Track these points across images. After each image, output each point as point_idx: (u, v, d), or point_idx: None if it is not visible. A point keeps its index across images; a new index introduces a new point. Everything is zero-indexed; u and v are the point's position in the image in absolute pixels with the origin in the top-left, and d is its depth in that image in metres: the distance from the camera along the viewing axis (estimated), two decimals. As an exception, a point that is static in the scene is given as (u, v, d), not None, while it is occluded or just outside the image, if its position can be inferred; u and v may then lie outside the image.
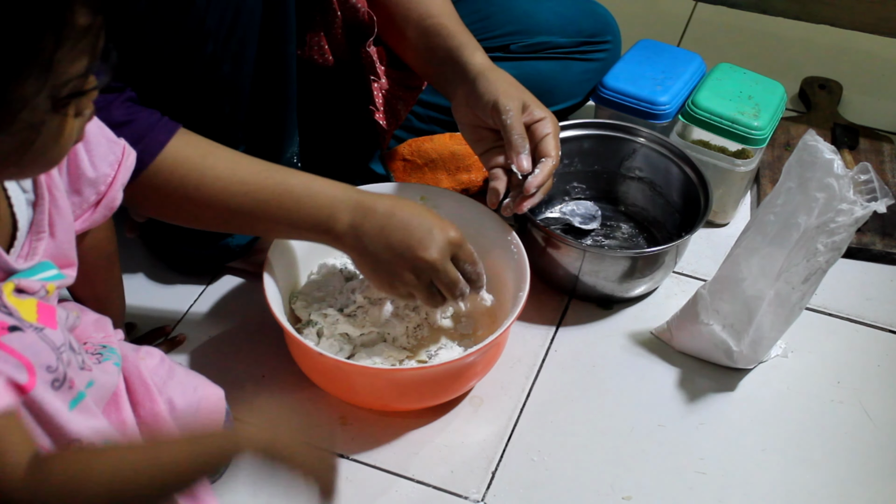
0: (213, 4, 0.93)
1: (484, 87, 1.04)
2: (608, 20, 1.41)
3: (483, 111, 1.04)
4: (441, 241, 0.96)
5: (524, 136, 1.03)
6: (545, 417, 1.10)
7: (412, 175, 1.32)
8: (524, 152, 1.02)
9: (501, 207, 1.06)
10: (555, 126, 1.06)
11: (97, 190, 0.82)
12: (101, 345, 0.83)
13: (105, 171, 0.82)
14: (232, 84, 1.02)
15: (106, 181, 0.82)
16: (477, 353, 0.98)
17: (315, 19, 1.12)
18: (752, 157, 1.28)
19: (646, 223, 1.33)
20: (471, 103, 1.05)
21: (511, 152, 1.03)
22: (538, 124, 1.05)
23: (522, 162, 1.02)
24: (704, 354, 1.15)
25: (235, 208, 0.94)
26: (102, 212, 0.84)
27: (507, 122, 1.02)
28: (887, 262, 1.31)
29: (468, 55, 1.07)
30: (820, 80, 1.61)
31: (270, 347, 1.12)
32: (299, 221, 0.95)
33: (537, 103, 1.06)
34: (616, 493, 1.02)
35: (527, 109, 1.04)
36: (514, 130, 1.02)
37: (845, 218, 0.97)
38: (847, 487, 1.04)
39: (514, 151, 1.02)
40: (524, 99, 1.04)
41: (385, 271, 0.97)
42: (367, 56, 1.12)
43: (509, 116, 1.02)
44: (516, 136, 1.02)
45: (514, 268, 1.07)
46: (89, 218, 0.83)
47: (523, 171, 1.03)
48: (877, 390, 1.14)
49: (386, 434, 1.07)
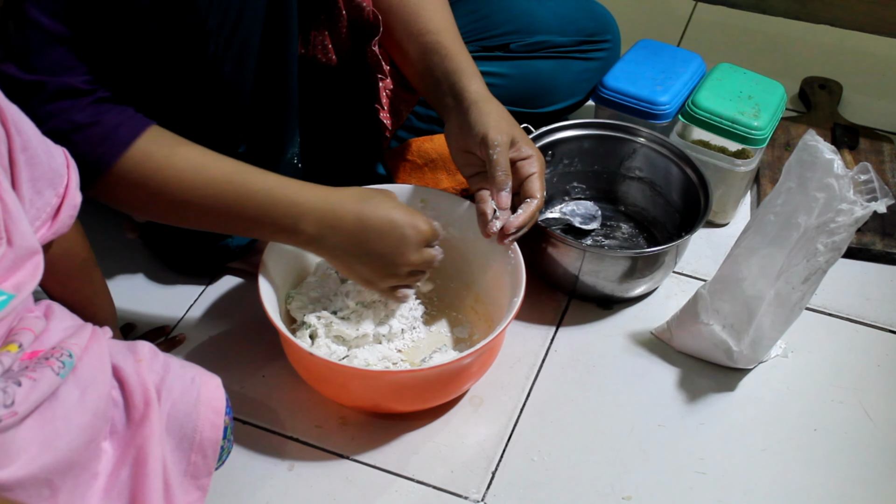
0: (214, 5, 0.93)
1: (475, 118, 1.03)
2: (608, 20, 1.41)
3: (472, 141, 1.04)
4: (416, 242, 0.99)
5: (508, 173, 1.03)
6: (545, 417, 1.10)
7: (412, 175, 1.32)
8: (506, 190, 1.02)
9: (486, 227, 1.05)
10: (541, 165, 1.05)
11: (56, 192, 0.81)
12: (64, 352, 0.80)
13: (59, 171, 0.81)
14: (233, 85, 1.02)
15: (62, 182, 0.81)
16: (469, 356, 0.98)
17: (320, 18, 1.12)
18: (752, 157, 1.28)
19: (646, 223, 1.33)
20: (462, 131, 1.05)
21: (493, 188, 1.03)
22: (525, 162, 1.04)
23: (503, 199, 1.03)
24: (704, 354, 1.15)
25: (200, 210, 0.95)
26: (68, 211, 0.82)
27: (494, 157, 1.02)
28: (887, 262, 1.31)
29: (465, 82, 1.06)
30: (820, 80, 1.61)
31: (270, 347, 1.12)
32: (263, 227, 0.97)
33: (526, 140, 1.06)
34: (616, 493, 1.02)
35: (515, 145, 1.04)
36: (499, 167, 1.02)
37: (845, 218, 0.97)
38: (847, 487, 1.04)
39: (497, 188, 1.03)
40: (514, 134, 1.04)
41: (362, 276, 1.00)
42: (374, 55, 1.12)
43: (496, 152, 1.02)
44: (500, 173, 1.02)
45: (510, 272, 1.07)
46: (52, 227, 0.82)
47: (502, 208, 1.03)
48: (877, 390, 1.14)
49: (385, 434, 1.07)
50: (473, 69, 1.08)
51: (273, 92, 1.06)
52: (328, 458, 1.05)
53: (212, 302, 1.21)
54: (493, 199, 1.03)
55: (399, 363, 1.09)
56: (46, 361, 0.76)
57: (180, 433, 0.84)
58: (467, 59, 1.09)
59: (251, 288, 1.07)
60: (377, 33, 1.11)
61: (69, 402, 0.77)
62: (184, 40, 0.95)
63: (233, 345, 1.16)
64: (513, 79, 1.35)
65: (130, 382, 0.82)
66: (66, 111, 0.89)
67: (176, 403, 0.84)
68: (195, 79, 0.99)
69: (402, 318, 1.10)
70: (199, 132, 0.98)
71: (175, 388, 0.85)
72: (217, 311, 1.20)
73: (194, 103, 1.01)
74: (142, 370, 0.83)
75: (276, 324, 0.99)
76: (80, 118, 0.89)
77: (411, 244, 0.98)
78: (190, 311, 1.20)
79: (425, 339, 1.13)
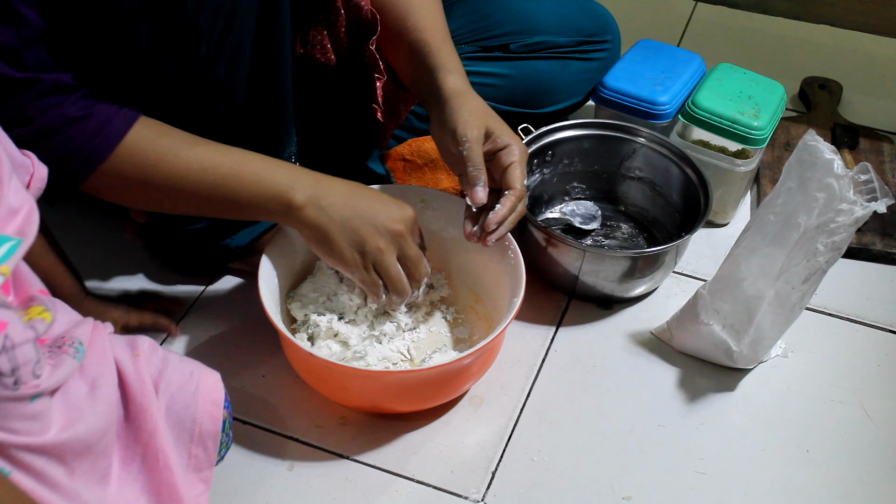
0: (205, 6, 0.93)
1: (448, 114, 1.02)
2: (608, 20, 1.41)
3: (447, 138, 1.03)
4: (408, 216, 1.01)
5: (479, 167, 1.00)
6: (545, 417, 1.10)
7: (412, 175, 1.32)
8: (479, 184, 1.00)
9: (467, 234, 1.04)
10: (522, 153, 1.02)
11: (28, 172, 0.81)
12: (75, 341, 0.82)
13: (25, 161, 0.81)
14: (227, 85, 1.02)
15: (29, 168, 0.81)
16: (469, 356, 0.98)
17: (318, 18, 1.12)
18: (752, 157, 1.28)
19: (646, 223, 1.33)
20: (440, 129, 1.04)
21: (465, 184, 1.01)
22: (503, 152, 1.02)
23: (477, 194, 1.00)
24: (704, 354, 1.15)
25: (195, 187, 0.96)
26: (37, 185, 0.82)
27: (464, 153, 1.00)
28: (887, 262, 1.31)
29: (442, 78, 1.05)
30: (820, 80, 1.61)
31: (270, 347, 1.12)
32: (258, 195, 0.97)
33: (504, 129, 1.03)
34: (616, 493, 1.02)
35: (490, 136, 1.02)
36: (469, 161, 1.00)
37: (845, 218, 0.97)
38: (847, 487, 1.04)
39: (468, 184, 1.00)
40: (488, 125, 1.02)
41: (350, 239, 0.98)
42: (371, 54, 1.12)
43: (465, 147, 1.00)
44: (470, 168, 1.00)
45: (510, 272, 1.07)
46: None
47: (477, 203, 1.01)
48: (877, 390, 1.14)
49: (386, 434, 1.07)
50: (453, 65, 1.07)
51: (268, 92, 1.06)
52: (328, 458, 1.05)
53: (212, 302, 1.21)
54: (467, 199, 1.01)
55: (399, 363, 1.09)
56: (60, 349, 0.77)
57: (179, 425, 0.84)
58: (449, 56, 1.07)
59: (251, 288, 1.07)
60: (375, 32, 1.11)
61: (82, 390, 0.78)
62: (175, 41, 0.95)
63: (233, 345, 1.16)
64: (513, 79, 1.35)
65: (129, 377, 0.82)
66: (58, 106, 0.89)
67: (174, 396, 0.84)
68: (189, 80, 0.99)
69: (402, 319, 1.10)
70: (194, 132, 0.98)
71: (173, 382, 0.85)
72: (217, 311, 1.20)
73: (189, 104, 1.01)
74: (140, 365, 0.84)
75: (276, 324, 0.99)
76: (72, 112, 0.90)
77: (405, 214, 1.00)
78: (190, 311, 1.20)
79: (425, 340, 1.12)
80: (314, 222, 0.98)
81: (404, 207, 1.01)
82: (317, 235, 0.99)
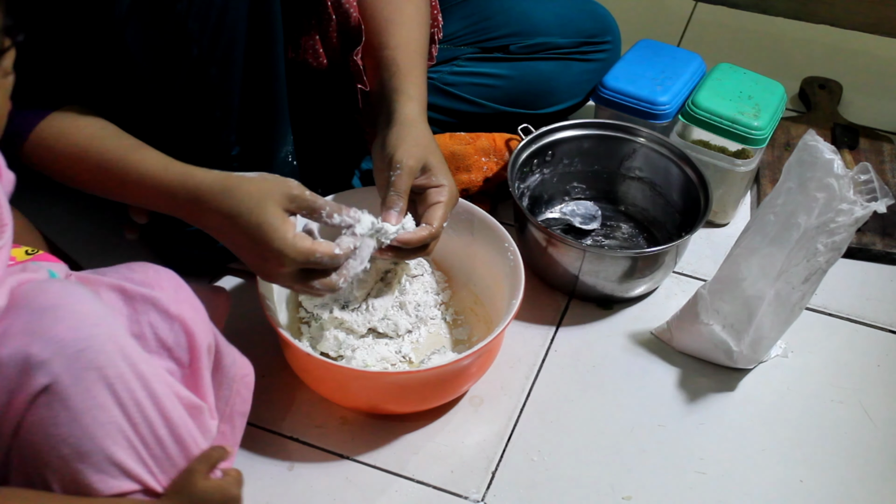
0: (193, 8, 0.93)
1: (393, 138, 1.01)
2: (608, 20, 1.41)
3: (384, 160, 1.01)
4: (292, 259, 0.91)
5: (401, 195, 0.98)
6: (545, 417, 1.10)
7: (412, 175, 1.32)
8: (395, 209, 0.98)
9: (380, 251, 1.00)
10: (451, 196, 1.01)
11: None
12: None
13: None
14: (220, 88, 1.02)
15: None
16: (467, 358, 0.98)
17: (310, 23, 1.13)
18: (752, 157, 1.28)
19: (646, 223, 1.33)
20: (380, 151, 1.02)
21: (382, 206, 0.99)
22: (434, 190, 1.01)
23: (391, 216, 0.98)
24: (704, 354, 1.15)
25: (90, 184, 0.96)
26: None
27: (392, 177, 0.99)
28: (887, 262, 1.31)
29: (400, 101, 1.04)
30: (820, 80, 1.61)
31: (270, 348, 1.12)
32: (147, 203, 0.97)
33: (442, 168, 1.02)
34: (616, 493, 1.02)
35: (428, 171, 1.01)
36: (394, 187, 0.98)
37: (845, 218, 0.97)
38: (847, 487, 1.04)
39: (385, 206, 0.98)
40: (428, 160, 1.01)
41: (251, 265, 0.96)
42: (355, 64, 1.13)
43: (395, 173, 0.99)
44: (392, 193, 0.98)
45: (509, 273, 1.07)
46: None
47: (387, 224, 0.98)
48: (877, 390, 1.14)
49: (385, 434, 1.07)
50: (415, 91, 1.05)
51: (262, 93, 1.07)
52: (328, 458, 1.05)
53: (212, 302, 1.21)
54: (380, 219, 0.97)
55: (398, 364, 1.09)
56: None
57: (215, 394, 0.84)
58: (414, 81, 1.06)
59: (251, 288, 1.07)
60: (360, 41, 1.11)
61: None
62: (166, 45, 0.95)
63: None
64: (513, 80, 1.35)
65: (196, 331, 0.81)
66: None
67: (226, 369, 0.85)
68: (181, 83, 0.99)
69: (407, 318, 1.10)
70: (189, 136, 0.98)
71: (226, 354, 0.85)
72: (217, 312, 1.20)
73: (183, 108, 1.01)
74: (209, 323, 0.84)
75: (276, 324, 0.99)
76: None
77: (286, 261, 0.90)
78: (190, 312, 1.20)
79: (424, 341, 1.13)
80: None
81: (293, 249, 0.90)
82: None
